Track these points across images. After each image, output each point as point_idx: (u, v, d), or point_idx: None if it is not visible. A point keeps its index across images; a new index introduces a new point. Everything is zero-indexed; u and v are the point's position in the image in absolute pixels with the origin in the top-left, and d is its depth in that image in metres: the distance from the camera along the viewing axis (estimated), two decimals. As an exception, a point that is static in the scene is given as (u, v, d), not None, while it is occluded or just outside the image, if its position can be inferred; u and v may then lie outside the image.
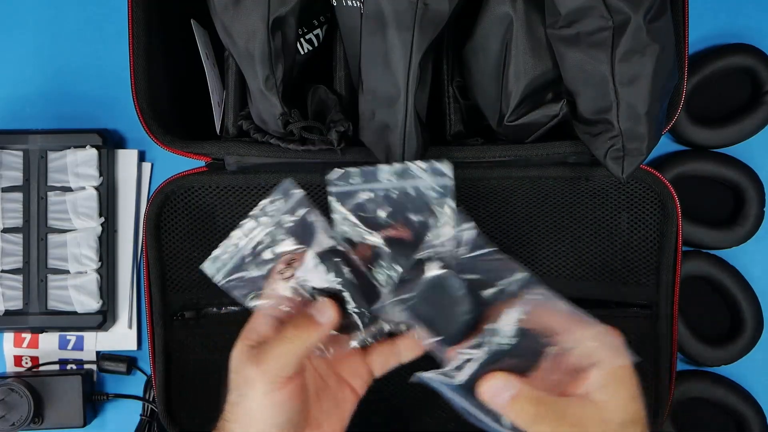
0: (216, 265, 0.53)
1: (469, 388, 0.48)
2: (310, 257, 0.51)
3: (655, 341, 0.66)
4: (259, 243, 0.53)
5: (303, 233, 0.53)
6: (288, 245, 0.53)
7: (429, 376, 0.49)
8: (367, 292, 0.52)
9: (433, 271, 0.50)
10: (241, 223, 0.53)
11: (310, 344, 0.50)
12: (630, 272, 0.65)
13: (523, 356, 0.49)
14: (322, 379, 0.55)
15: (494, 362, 0.48)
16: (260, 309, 0.54)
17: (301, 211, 0.53)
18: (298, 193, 0.53)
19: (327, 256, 0.51)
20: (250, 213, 0.53)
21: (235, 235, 0.53)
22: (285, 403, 0.50)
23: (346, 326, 0.52)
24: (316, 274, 0.51)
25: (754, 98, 0.73)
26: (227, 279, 0.53)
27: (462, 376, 0.48)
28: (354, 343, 0.54)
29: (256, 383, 0.50)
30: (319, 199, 0.64)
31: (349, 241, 0.53)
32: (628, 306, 0.66)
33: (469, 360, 0.48)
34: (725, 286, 0.74)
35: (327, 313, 0.51)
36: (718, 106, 0.74)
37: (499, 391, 0.48)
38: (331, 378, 0.55)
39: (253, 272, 0.53)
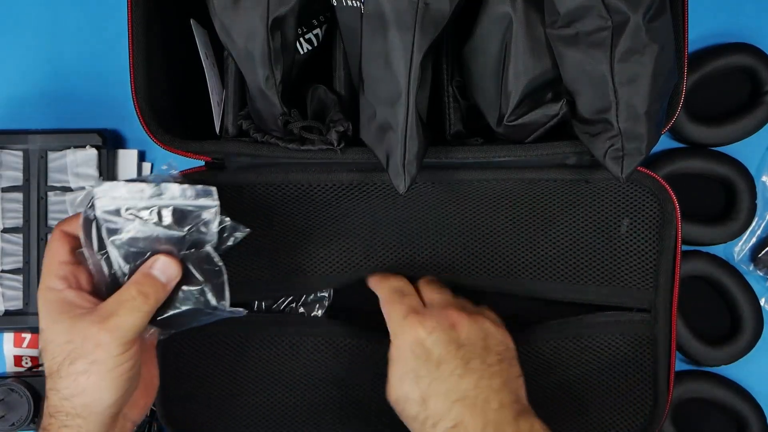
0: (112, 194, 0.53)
1: None
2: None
3: (653, 345, 0.66)
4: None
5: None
6: None
7: None
8: None
9: None
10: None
11: (156, 304, 0.49)
12: (629, 276, 0.65)
13: None
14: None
15: None
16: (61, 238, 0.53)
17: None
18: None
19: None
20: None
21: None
22: (133, 364, 0.48)
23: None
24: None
25: (754, 98, 0.73)
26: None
27: None
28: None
29: (107, 346, 0.47)
30: (318, 199, 0.64)
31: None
32: (627, 309, 0.66)
33: None
34: (725, 286, 0.74)
35: (169, 271, 0.50)
36: (717, 104, 0.74)
37: None
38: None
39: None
